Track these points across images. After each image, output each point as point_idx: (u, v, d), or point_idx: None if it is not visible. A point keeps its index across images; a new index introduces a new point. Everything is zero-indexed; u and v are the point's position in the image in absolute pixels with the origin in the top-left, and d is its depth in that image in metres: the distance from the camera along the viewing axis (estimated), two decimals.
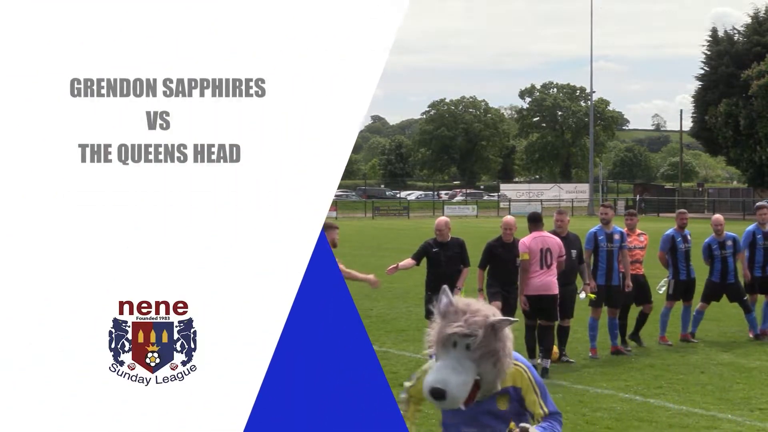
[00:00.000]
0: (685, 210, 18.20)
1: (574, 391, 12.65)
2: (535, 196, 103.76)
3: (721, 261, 17.14)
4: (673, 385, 12.98)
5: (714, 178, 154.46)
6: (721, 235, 17.31)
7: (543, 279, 14.18)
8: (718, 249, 17.27)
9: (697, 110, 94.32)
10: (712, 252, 17.33)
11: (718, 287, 17.22)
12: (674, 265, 16.98)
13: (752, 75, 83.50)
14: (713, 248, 17.33)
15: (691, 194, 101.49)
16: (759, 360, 14.86)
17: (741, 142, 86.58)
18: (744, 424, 10.87)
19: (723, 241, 17.27)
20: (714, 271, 17.25)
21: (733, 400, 12.05)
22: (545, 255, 14.16)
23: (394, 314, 19.77)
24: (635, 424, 10.87)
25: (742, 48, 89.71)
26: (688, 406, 11.78)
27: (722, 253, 17.22)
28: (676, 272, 16.98)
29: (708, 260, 17.41)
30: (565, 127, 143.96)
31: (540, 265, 14.14)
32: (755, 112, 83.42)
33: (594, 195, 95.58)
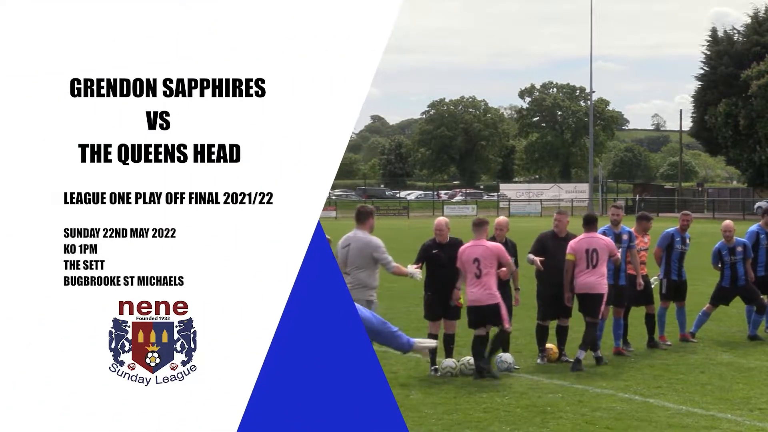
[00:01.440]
0: (689, 212, 18.11)
1: (574, 390, 12.63)
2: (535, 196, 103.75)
3: (731, 267, 17.07)
4: (673, 385, 12.95)
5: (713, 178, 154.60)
6: (731, 241, 17.24)
7: (587, 279, 14.55)
8: (728, 255, 17.19)
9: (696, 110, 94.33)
10: (722, 258, 17.26)
11: (728, 292, 17.18)
12: (667, 264, 16.92)
13: (752, 75, 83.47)
14: (723, 254, 17.26)
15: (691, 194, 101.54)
16: (759, 360, 14.83)
17: (740, 142, 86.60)
18: (743, 423, 10.85)
19: (733, 247, 17.20)
20: (724, 277, 17.19)
21: (732, 400, 12.02)
22: (591, 255, 14.55)
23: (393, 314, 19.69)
24: (635, 423, 10.84)
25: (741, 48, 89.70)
26: (688, 405, 11.75)
27: (732, 259, 17.14)
28: (668, 271, 16.93)
29: (718, 266, 17.36)
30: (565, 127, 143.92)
31: (586, 265, 14.52)
32: (755, 111, 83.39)
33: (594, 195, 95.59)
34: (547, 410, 11.50)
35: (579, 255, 14.60)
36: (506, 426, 10.74)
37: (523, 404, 11.83)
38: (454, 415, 11.29)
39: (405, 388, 12.61)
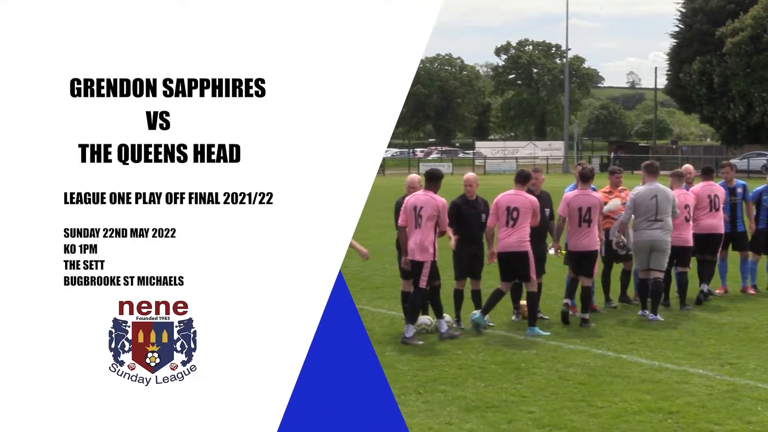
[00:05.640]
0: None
1: (548, 347, 12.71)
2: (510, 153, 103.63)
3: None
4: (646, 341, 13.06)
5: (688, 136, 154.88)
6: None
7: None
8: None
9: (671, 68, 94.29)
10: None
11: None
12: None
13: (726, 32, 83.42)
14: None
15: (665, 152, 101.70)
16: (730, 316, 14.96)
17: (715, 100, 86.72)
18: (714, 378, 11.01)
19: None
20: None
21: (704, 356, 12.18)
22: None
23: (369, 272, 19.72)
24: (608, 379, 10.95)
25: (716, 5, 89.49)
26: (660, 361, 11.88)
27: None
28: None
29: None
30: (541, 85, 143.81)
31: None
32: (729, 69, 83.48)
33: (569, 152, 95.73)
34: (521, 366, 11.58)
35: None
36: (481, 382, 10.80)
37: (498, 361, 11.89)
38: (429, 372, 11.33)
39: (380, 345, 12.55)
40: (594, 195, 14.60)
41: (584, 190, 14.51)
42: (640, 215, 14.85)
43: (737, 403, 9.92)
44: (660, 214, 14.75)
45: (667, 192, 14.96)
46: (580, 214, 14.29)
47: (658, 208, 14.75)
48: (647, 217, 14.77)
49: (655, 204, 14.74)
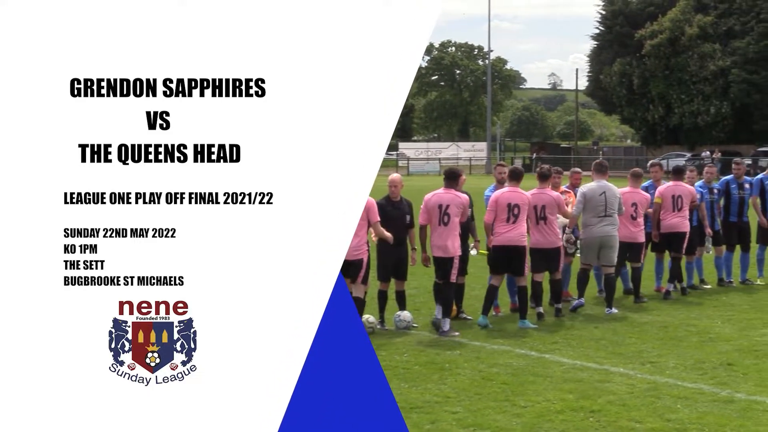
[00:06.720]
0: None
1: (471, 347, 12.80)
2: (434, 154, 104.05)
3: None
4: (568, 341, 13.22)
5: (608, 137, 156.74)
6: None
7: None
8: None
9: (592, 69, 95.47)
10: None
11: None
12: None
13: (645, 35, 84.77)
14: None
15: (587, 152, 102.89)
16: (650, 315, 15.19)
17: (634, 101, 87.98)
18: (635, 377, 11.18)
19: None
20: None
21: (625, 354, 12.36)
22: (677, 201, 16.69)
23: None
24: (531, 378, 11.07)
25: (636, 8, 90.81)
26: (582, 360, 12.04)
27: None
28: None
29: None
30: (464, 86, 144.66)
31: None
32: (648, 71, 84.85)
33: (492, 153, 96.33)
34: (445, 367, 11.64)
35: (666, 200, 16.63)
36: (405, 383, 10.82)
37: (422, 361, 11.95)
38: None
39: None
40: (549, 193, 15.00)
41: (542, 189, 14.92)
42: (589, 211, 15.33)
43: (657, 401, 10.08)
44: (608, 210, 15.31)
45: (614, 189, 15.53)
46: (536, 212, 14.68)
47: (607, 204, 15.31)
48: (597, 213, 15.30)
49: (604, 200, 15.31)
